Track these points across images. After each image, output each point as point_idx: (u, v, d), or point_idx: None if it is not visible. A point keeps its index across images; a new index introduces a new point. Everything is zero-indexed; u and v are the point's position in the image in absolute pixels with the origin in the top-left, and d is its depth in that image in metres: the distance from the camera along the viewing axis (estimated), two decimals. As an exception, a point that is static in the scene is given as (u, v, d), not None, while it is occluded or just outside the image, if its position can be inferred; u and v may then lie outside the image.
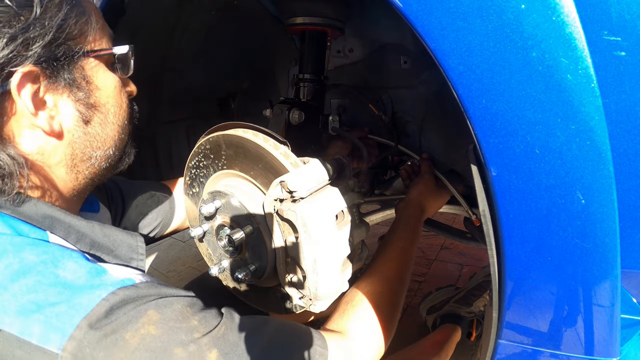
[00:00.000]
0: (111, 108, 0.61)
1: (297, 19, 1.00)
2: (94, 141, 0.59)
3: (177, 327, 0.48)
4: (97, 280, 0.48)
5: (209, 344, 0.49)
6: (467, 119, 0.50)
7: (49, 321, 0.43)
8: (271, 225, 0.69)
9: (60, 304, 0.44)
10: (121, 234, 0.61)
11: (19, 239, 0.48)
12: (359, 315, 0.70)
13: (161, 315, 0.48)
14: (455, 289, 1.53)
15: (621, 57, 0.45)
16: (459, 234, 1.37)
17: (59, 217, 0.54)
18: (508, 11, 0.45)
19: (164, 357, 0.45)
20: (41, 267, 0.46)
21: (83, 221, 0.57)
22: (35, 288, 0.44)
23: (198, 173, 0.82)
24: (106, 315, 0.44)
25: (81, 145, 0.58)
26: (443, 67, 0.49)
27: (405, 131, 1.20)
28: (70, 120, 0.56)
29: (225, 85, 1.39)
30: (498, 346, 0.61)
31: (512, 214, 0.52)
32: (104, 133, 0.61)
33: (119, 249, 0.60)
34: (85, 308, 0.44)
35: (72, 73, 0.54)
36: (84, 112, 0.57)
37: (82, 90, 0.56)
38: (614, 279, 0.51)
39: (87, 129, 0.58)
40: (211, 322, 0.52)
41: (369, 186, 1.33)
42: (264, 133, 0.71)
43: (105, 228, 0.60)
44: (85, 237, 0.56)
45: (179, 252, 2.27)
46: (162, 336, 0.46)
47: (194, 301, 0.54)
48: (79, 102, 0.56)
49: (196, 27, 1.14)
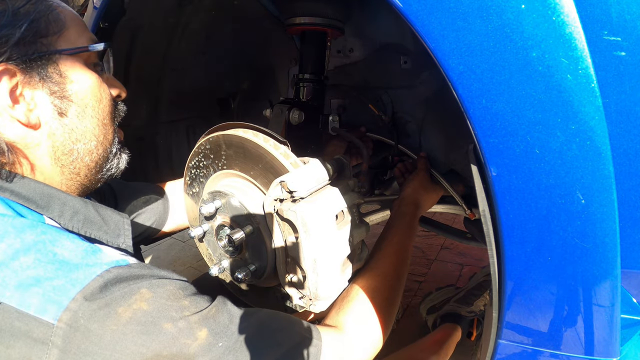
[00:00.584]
0: (89, 102, 0.62)
1: (297, 19, 1.00)
2: (72, 133, 0.61)
3: (168, 304, 0.50)
4: (93, 258, 0.50)
5: (199, 322, 0.51)
6: (467, 119, 0.50)
7: (47, 294, 0.45)
8: (271, 225, 0.69)
9: (58, 278, 0.46)
10: (112, 212, 0.66)
11: (19, 221, 0.51)
12: (354, 310, 0.71)
13: (154, 293, 0.50)
14: (455, 288, 1.53)
15: (621, 57, 0.45)
16: (459, 234, 1.37)
17: (55, 194, 0.58)
18: (508, 11, 0.45)
19: (154, 330, 0.48)
20: (40, 245, 0.49)
21: (78, 199, 0.61)
22: (34, 265, 0.47)
23: (198, 173, 0.82)
24: (100, 290, 0.47)
25: (60, 138, 0.60)
26: (443, 67, 0.49)
27: (405, 131, 1.20)
28: (48, 112, 0.59)
29: (225, 85, 1.39)
30: (498, 346, 0.61)
31: (512, 214, 0.52)
32: (82, 125, 0.62)
33: (108, 224, 0.64)
34: (81, 282, 0.47)
35: (46, 69, 0.57)
36: (58, 105, 0.59)
37: (57, 84, 0.59)
38: (614, 279, 0.51)
39: (64, 120, 0.60)
40: (202, 304, 0.54)
41: (369, 186, 1.33)
42: (264, 133, 0.71)
43: (97, 206, 0.64)
44: (79, 213, 0.60)
45: (179, 252, 2.27)
46: (153, 312, 0.49)
47: (186, 285, 0.57)
48: (54, 95, 0.58)
49: (196, 27, 1.14)
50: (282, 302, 0.81)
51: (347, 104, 1.27)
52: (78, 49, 0.62)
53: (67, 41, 0.60)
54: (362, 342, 0.69)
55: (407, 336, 1.51)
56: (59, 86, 0.59)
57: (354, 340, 0.67)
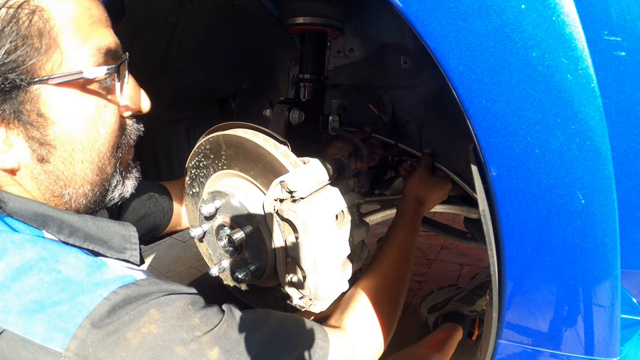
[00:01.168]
0: (78, 145, 0.51)
1: (297, 19, 1.00)
2: (59, 180, 0.52)
3: (178, 325, 0.48)
4: (99, 275, 0.47)
5: (210, 342, 0.49)
6: (467, 119, 0.50)
7: (52, 321, 0.43)
8: (271, 225, 0.69)
9: (63, 303, 0.44)
10: (113, 225, 0.59)
11: (17, 236, 0.47)
12: (358, 312, 0.70)
13: (162, 314, 0.48)
14: (457, 288, 1.53)
15: (621, 57, 0.45)
16: (459, 234, 1.37)
17: (50, 213, 0.52)
18: (508, 11, 0.45)
19: (165, 355, 0.45)
20: (42, 264, 0.45)
21: (75, 216, 0.55)
22: (37, 287, 0.44)
23: (198, 173, 0.82)
24: (108, 314, 0.44)
25: (45, 182, 0.52)
26: (443, 67, 0.49)
27: (405, 131, 1.20)
28: (26, 156, 0.50)
29: (225, 85, 1.39)
30: (498, 346, 0.61)
31: (512, 214, 0.52)
32: (70, 172, 0.53)
33: (112, 240, 0.58)
34: (87, 307, 0.44)
35: (19, 107, 0.47)
36: (37, 150, 0.49)
37: (34, 125, 0.48)
38: (614, 279, 0.51)
39: (46, 167, 0.51)
40: (212, 320, 0.52)
41: (369, 186, 1.33)
42: (264, 133, 0.71)
43: (97, 221, 0.57)
44: (78, 230, 0.54)
45: (179, 252, 2.27)
46: (164, 335, 0.46)
47: (196, 299, 0.54)
48: (32, 140, 0.49)
49: (196, 27, 1.14)
50: (282, 302, 0.81)
51: (347, 104, 1.27)
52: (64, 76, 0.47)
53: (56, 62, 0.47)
54: (366, 343, 0.68)
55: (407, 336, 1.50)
56: (39, 130, 0.48)
57: (359, 341, 0.67)
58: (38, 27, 0.46)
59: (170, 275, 2.05)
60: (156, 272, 2.07)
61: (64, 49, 0.48)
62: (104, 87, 0.53)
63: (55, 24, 0.47)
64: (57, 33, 0.47)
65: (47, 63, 0.47)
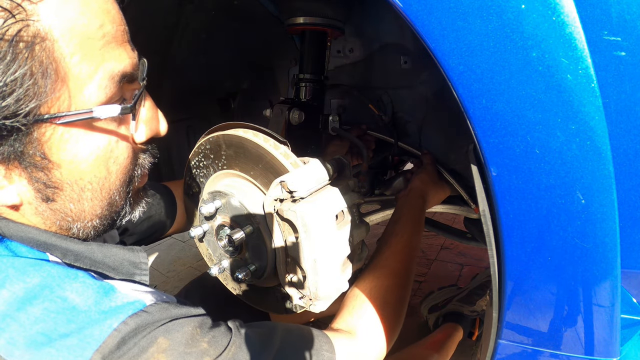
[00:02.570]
0: (87, 185, 0.47)
1: (298, 19, 1.00)
2: (67, 216, 0.49)
3: (187, 352, 0.47)
4: (107, 303, 0.45)
5: None
6: (467, 119, 0.50)
7: (62, 355, 0.41)
8: (271, 225, 0.69)
9: (71, 336, 0.42)
10: (121, 251, 0.56)
11: (20, 262, 0.44)
12: (366, 312, 0.70)
13: (171, 341, 0.47)
14: (457, 288, 1.53)
15: (621, 57, 0.45)
16: (459, 234, 1.37)
17: (53, 242, 0.49)
18: (508, 11, 0.45)
19: None
20: (47, 291, 0.43)
21: (81, 244, 0.52)
22: (43, 317, 0.41)
23: (198, 173, 0.82)
24: (118, 346, 0.43)
25: (52, 218, 0.48)
26: (443, 67, 0.49)
27: (406, 131, 1.20)
28: (29, 194, 0.46)
29: (225, 85, 1.39)
30: (498, 346, 0.61)
31: (512, 214, 0.52)
32: (78, 209, 0.49)
33: (120, 267, 0.56)
34: (97, 340, 0.42)
35: (20, 149, 0.41)
36: (42, 190, 0.45)
37: (38, 168, 0.43)
38: (614, 279, 0.51)
39: (53, 205, 0.47)
40: (221, 343, 0.51)
41: (369, 186, 1.33)
42: (264, 133, 0.71)
43: (104, 248, 0.54)
44: (83, 257, 0.52)
45: (179, 252, 2.27)
46: None
47: (204, 320, 0.52)
48: (36, 182, 0.44)
49: (196, 27, 1.14)
50: (282, 302, 0.81)
51: (347, 104, 1.27)
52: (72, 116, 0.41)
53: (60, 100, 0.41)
54: (374, 345, 0.68)
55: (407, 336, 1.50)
56: (43, 172, 0.43)
57: (367, 344, 0.67)
58: (40, 61, 0.38)
59: (170, 275, 2.05)
60: (156, 272, 2.07)
61: (72, 83, 0.41)
62: (116, 119, 0.47)
63: (61, 53, 0.40)
64: (63, 65, 0.40)
65: (54, 102, 0.41)
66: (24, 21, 0.37)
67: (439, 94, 1.10)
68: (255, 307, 0.87)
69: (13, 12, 0.36)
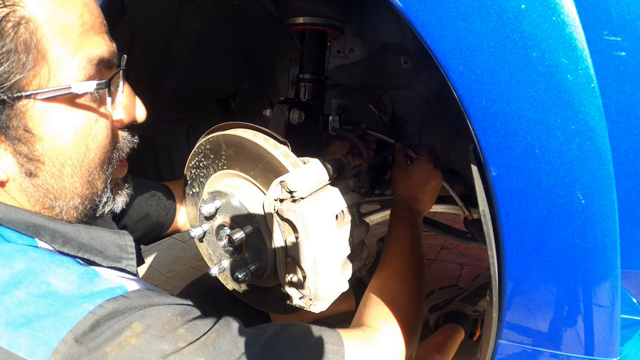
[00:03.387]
0: (67, 160, 0.50)
1: (298, 19, 1.00)
2: (49, 193, 0.51)
3: (160, 336, 0.45)
4: (89, 287, 0.46)
5: (194, 352, 0.46)
6: (467, 119, 0.50)
7: (36, 334, 0.42)
8: (271, 225, 0.69)
9: (48, 318, 0.43)
10: (108, 233, 0.58)
11: (7, 247, 0.46)
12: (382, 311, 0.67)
13: (145, 326, 0.45)
14: (458, 288, 1.53)
15: (621, 57, 0.45)
16: (459, 234, 1.37)
17: (42, 223, 0.51)
18: (508, 11, 0.45)
19: None
20: (31, 276, 0.44)
21: (68, 225, 0.53)
22: (26, 301, 0.43)
23: (198, 173, 0.82)
24: (92, 328, 0.43)
25: (35, 195, 0.51)
26: (443, 67, 0.49)
27: (406, 131, 1.20)
28: (14, 169, 0.49)
29: (225, 85, 1.39)
30: (498, 346, 0.61)
31: (512, 214, 0.52)
32: (59, 186, 0.51)
33: (107, 250, 0.57)
34: (71, 321, 0.43)
35: (5, 122, 0.45)
36: (25, 165, 0.48)
37: (22, 141, 0.47)
38: (614, 279, 0.51)
39: (35, 181, 0.50)
40: (201, 329, 0.49)
41: (369, 186, 1.33)
42: (264, 133, 0.71)
43: (91, 230, 0.56)
44: (72, 240, 0.53)
45: (179, 252, 2.27)
46: (142, 346, 0.44)
47: (188, 309, 0.51)
48: (19, 155, 0.48)
49: (196, 27, 1.14)
50: (282, 302, 0.81)
51: (347, 104, 1.27)
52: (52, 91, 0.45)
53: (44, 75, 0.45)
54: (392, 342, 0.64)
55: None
56: (26, 145, 0.47)
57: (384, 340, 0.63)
58: (24, 39, 0.43)
59: (170, 275, 2.05)
60: (156, 272, 2.07)
61: (52, 62, 0.46)
62: (96, 99, 0.51)
63: (43, 35, 0.44)
64: (45, 45, 0.45)
65: (34, 78, 0.45)
66: (13, 6, 0.42)
67: (439, 94, 1.10)
68: (256, 307, 0.87)
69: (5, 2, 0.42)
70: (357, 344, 0.58)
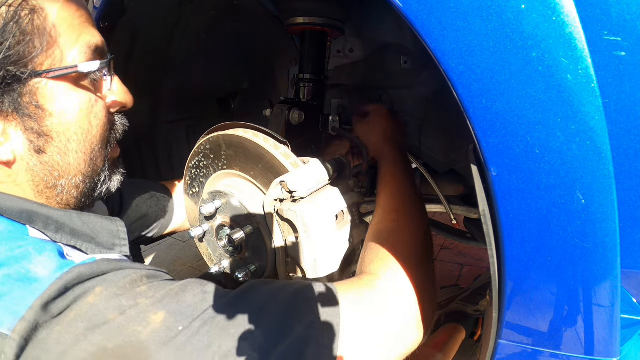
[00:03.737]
0: (73, 135, 0.54)
1: (298, 19, 1.00)
2: (54, 170, 0.55)
3: (119, 294, 0.44)
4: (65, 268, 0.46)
5: (155, 304, 0.44)
6: (467, 119, 0.50)
7: (7, 305, 0.42)
8: (271, 225, 0.69)
9: (20, 290, 0.44)
10: (100, 220, 0.59)
11: None
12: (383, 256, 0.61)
13: (106, 286, 0.45)
14: (459, 288, 1.54)
15: (621, 57, 0.45)
16: (459, 234, 1.37)
17: (35, 209, 0.52)
18: (508, 11, 0.45)
19: (98, 322, 0.42)
20: (12, 262, 0.45)
21: (60, 211, 0.55)
22: (2, 281, 0.44)
23: (198, 173, 0.82)
24: (59, 294, 0.43)
25: (40, 174, 0.54)
26: (443, 67, 0.49)
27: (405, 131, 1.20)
28: (23, 148, 0.52)
29: (225, 85, 1.39)
30: (498, 346, 0.61)
31: (512, 214, 0.52)
32: (65, 162, 0.55)
33: (99, 236, 0.58)
34: (40, 290, 0.43)
35: (18, 99, 0.49)
36: (35, 142, 0.52)
37: (32, 117, 0.51)
38: (614, 279, 0.51)
39: (43, 158, 0.53)
40: (166, 287, 0.47)
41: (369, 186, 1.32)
42: (264, 133, 0.71)
43: (83, 216, 0.57)
44: (64, 226, 0.54)
45: (179, 252, 2.27)
46: (100, 304, 0.43)
47: (158, 274, 0.50)
48: (29, 131, 0.51)
49: (196, 27, 1.14)
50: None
51: (347, 104, 1.27)
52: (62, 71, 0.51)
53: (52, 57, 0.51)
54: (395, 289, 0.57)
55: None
56: (36, 121, 0.51)
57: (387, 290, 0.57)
58: (37, 24, 0.49)
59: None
60: (156, 272, 2.07)
61: (60, 45, 0.52)
62: (94, 83, 0.57)
63: (52, 24, 0.51)
64: (54, 30, 0.51)
65: (46, 59, 0.50)
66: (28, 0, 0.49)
67: (439, 94, 1.10)
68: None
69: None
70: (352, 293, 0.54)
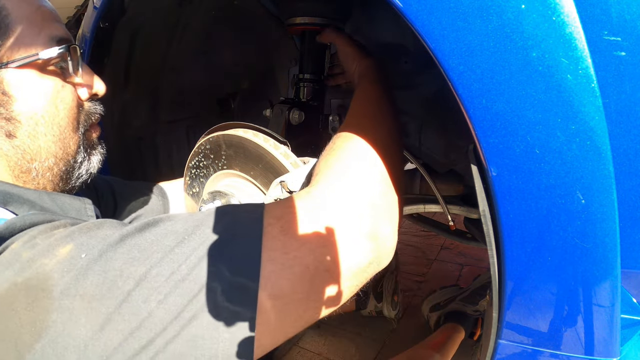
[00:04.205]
0: (40, 119, 0.58)
1: (298, 19, 1.00)
2: (26, 154, 0.58)
3: (35, 235, 0.42)
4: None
5: (65, 239, 0.41)
6: (467, 119, 0.50)
7: None
8: (271, 225, 0.68)
9: None
10: (69, 198, 0.61)
11: None
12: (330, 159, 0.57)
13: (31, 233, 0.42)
14: (459, 288, 1.54)
15: (621, 57, 0.45)
16: (459, 234, 1.37)
17: (9, 190, 0.54)
18: (508, 11, 0.45)
19: (10, 260, 0.40)
20: None
21: (32, 191, 0.57)
22: None
23: (198, 173, 0.82)
24: None
25: (14, 158, 0.57)
26: (443, 67, 0.49)
27: (405, 131, 1.20)
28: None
29: (225, 85, 1.39)
30: (498, 346, 0.61)
31: (512, 214, 0.52)
32: (35, 145, 0.58)
33: (68, 214, 0.59)
34: None
35: None
36: (4, 126, 0.56)
37: (1, 105, 0.55)
38: (614, 279, 0.51)
39: (14, 142, 0.57)
40: (82, 224, 0.44)
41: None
42: (264, 133, 0.71)
43: (53, 195, 0.59)
44: (35, 205, 0.56)
45: (179, 252, 2.27)
46: (19, 247, 0.41)
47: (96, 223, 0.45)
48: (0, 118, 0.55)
49: (196, 27, 1.14)
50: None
51: (347, 104, 1.27)
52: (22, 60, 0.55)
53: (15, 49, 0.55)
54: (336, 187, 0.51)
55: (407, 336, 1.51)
56: (4, 107, 0.55)
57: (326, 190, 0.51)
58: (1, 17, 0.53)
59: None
60: (156, 272, 2.06)
61: (23, 38, 0.55)
62: (60, 70, 0.60)
63: (14, 18, 0.55)
64: (16, 26, 0.55)
65: (8, 51, 0.55)
66: None
67: (439, 94, 1.10)
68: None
69: None
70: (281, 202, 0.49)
